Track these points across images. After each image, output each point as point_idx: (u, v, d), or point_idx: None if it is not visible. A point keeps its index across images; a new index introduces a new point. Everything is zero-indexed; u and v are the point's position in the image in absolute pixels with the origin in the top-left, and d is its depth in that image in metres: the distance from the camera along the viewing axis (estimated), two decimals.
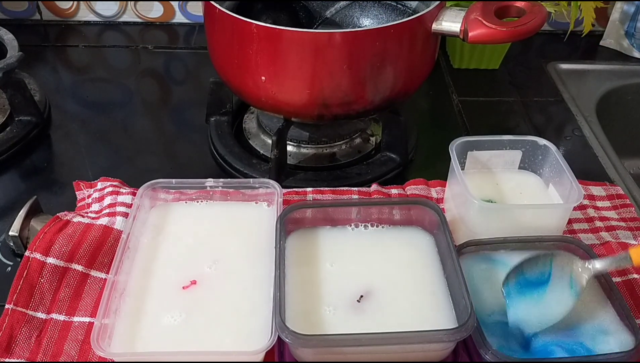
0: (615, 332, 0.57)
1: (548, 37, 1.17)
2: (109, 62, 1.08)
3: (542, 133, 0.91)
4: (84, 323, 0.61)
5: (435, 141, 0.85)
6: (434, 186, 0.78)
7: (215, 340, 0.57)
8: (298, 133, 0.83)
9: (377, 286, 0.62)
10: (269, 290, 0.59)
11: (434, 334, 0.54)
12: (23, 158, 0.84)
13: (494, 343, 0.55)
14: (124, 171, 0.80)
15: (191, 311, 0.59)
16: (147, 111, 0.96)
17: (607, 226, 0.73)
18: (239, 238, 0.67)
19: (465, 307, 0.55)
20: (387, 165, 0.81)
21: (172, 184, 0.70)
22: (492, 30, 0.68)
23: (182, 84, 1.05)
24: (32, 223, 0.68)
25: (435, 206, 0.65)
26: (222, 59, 0.76)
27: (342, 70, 0.70)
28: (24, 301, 0.61)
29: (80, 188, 0.76)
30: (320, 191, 0.76)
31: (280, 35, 0.68)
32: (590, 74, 1.07)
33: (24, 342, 0.59)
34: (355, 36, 0.69)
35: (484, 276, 0.62)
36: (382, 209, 0.67)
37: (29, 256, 0.64)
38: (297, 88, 0.71)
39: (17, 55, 0.83)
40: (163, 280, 0.62)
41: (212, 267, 0.64)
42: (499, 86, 1.03)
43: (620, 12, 1.11)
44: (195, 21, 1.17)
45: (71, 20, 1.16)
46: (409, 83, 0.76)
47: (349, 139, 0.85)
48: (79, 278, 0.64)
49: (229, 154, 0.82)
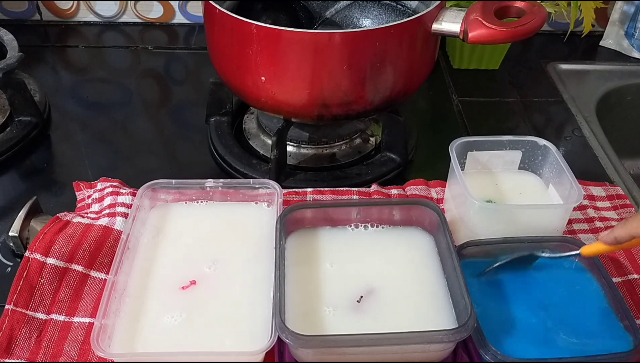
0: (615, 333, 0.57)
1: (548, 37, 1.17)
2: (108, 63, 1.08)
3: (542, 133, 0.91)
4: (83, 323, 0.61)
5: (435, 142, 0.85)
6: (434, 187, 0.78)
7: (215, 341, 0.57)
8: (298, 133, 0.83)
9: (377, 286, 0.62)
10: (269, 290, 0.59)
11: (434, 334, 0.54)
12: (23, 158, 0.84)
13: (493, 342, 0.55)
14: (124, 172, 0.80)
15: (191, 312, 0.59)
16: (147, 111, 0.96)
17: (607, 227, 0.73)
18: (239, 238, 0.67)
19: (465, 307, 0.55)
20: (387, 165, 0.81)
21: (172, 184, 0.70)
22: (492, 30, 0.68)
23: (182, 85, 1.05)
24: (32, 224, 0.68)
25: (435, 207, 0.65)
26: (222, 60, 0.76)
27: (342, 70, 0.70)
28: (23, 301, 0.61)
29: (80, 188, 0.76)
30: (320, 192, 0.76)
31: (280, 36, 0.68)
32: (590, 74, 1.07)
33: (23, 343, 0.59)
34: (355, 37, 0.69)
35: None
36: (382, 209, 0.67)
37: (29, 256, 0.64)
38: (297, 88, 0.71)
39: (17, 55, 0.83)
40: (163, 281, 0.62)
41: (212, 267, 0.64)
42: (499, 86, 1.03)
43: (620, 12, 1.11)
44: (195, 22, 1.17)
45: (71, 20, 1.16)
46: (408, 83, 0.76)
47: (349, 140, 0.85)
48: (79, 278, 0.64)
49: (229, 154, 0.82)
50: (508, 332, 0.57)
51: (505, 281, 0.62)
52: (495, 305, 0.60)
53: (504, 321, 0.58)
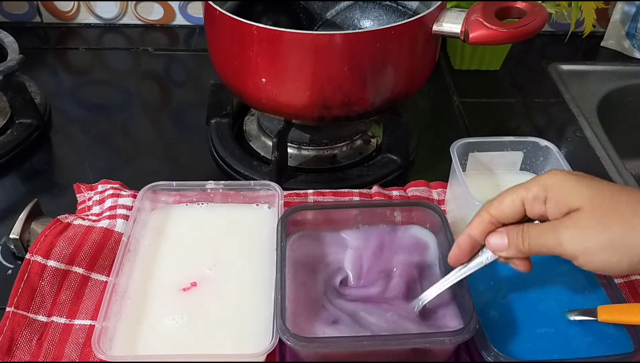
0: (615, 333, 0.57)
1: (549, 38, 1.17)
2: (109, 65, 1.08)
3: (543, 134, 0.91)
4: (84, 326, 0.61)
5: (436, 143, 0.85)
6: (435, 188, 0.78)
7: (216, 343, 0.57)
8: (299, 135, 0.83)
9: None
10: (270, 291, 0.59)
11: (436, 336, 0.54)
12: (23, 160, 0.84)
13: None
14: (125, 174, 0.80)
15: (192, 314, 0.59)
16: (148, 113, 0.96)
17: None
18: (240, 240, 0.67)
19: (467, 309, 0.55)
20: (388, 167, 0.81)
21: (173, 186, 0.70)
22: (492, 31, 0.68)
23: (182, 86, 1.05)
24: (33, 226, 0.68)
25: (437, 208, 0.65)
26: (223, 61, 0.76)
27: (343, 72, 0.69)
28: (24, 304, 0.61)
29: (81, 190, 0.76)
30: (321, 193, 0.76)
31: (281, 37, 0.68)
32: (592, 75, 1.07)
33: (24, 345, 0.59)
34: (355, 38, 0.69)
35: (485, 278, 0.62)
36: (384, 211, 0.67)
37: (30, 259, 0.64)
38: (297, 90, 0.71)
39: (17, 58, 0.83)
40: (164, 283, 0.62)
41: (213, 269, 0.64)
42: (500, 87, 1.03)
43: (621, 13, 1.11)
44: (196, 23, 1.17)
45: (71, 23, 1.16)
46: (409, 84, 0.76)
47: (350, 141, 0.85)
48: (80, 280, 0.64)
49: (230, 156, 0.82)
50: (509, 332, 0.57)
51: (506, 281, 0.62)
52: (496, 305, 0.60)
53: (505, 321, 0.58)
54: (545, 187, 0.48)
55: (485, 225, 0.51)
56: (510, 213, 0.50)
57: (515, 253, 0.50)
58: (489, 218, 0.51)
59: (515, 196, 0.49)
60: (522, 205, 0.49)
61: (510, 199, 0.50)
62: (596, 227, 0.45)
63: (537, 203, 0.48)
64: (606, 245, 0.45)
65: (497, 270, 0.63)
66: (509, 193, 0.50)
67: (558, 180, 0.48)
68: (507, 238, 0.50)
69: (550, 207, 0.48)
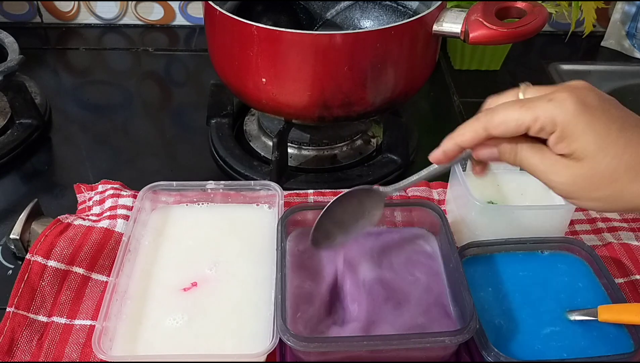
0: (616, 333, 0.57)
1: (549, 38, 1.17)
2: (109, 65, 1.08)
3: None
4: (85, 326, 0.61)
5: (437, 143, 0.84)
6: (436, 188, 0.78)
7: (217, 342, 0.57)
8: (299, 135, 0.83)
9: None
10: (270, 292, 0.59)
11: (436, 336, 0.54)
12: (24, 160, 0.84)
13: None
14: (125, 174, 0.80)
15: (192, 314, 0.59)
16: (148, 113, 0.96)
17: (609, 227, 0.73)
18: (240, 240, 0.67)
19: (467, 309, 0.55)
20: (388, 167, 0.81)
21: (173, 186, 0.70)
22: (493, 31, 0.68)
23: (182, 87, 1.05)
24: (33, 226, 0.68)
25: (437, 208, 0.65)
26: (223, 61, 0.76)
27: (343, 72, 0.69)
28: (25, 304, 0.61)
29: (81, 190, 0.76)
30: (322, 193, 0.76)
31: (281, 37, 0.68)
32: (592, 74, 1.07)
33: (25, 345, 0.59)
34: (356, 38, 0.69)
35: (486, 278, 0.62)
36: (384, 211, 0.67)
37: (30, 259, 0.64)
38: (297, 90, 0.71)
39: (17, 58, 0.83)
40: (164, 283, 0.62)
41: (213, 269, 0.64)
42: (500, 87, 1.01)
43: (621, 12, 1.11)
44: (196, 23, 1.17)
45: (72, 23, 1.16)
46: (409, 84, 0.76)
47: (350, 141, 0.85)
48: (80, 281, 0.64)
49: (230, 156, 0.82)
50: (509, 332, 0.57)
51: (507, 281, 0.62)
52: (496, 305, 0.60)
53: (505, 321, 0.58)
54: (554, 122, 0.46)
55: (480, 140, 0.50)
56: (510, 135, 0.49)
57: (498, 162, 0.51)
58: (486, 136, 0.50)
59: (521, 123, 0.47)
60: (526, 131, 0.47)
61: (514, 125, 0.48)
62: (590, 188, 0.46)
63: (542, 133, 0.47)
64: (596, 203, 0.47)
65: (498, 270, 0.63)
66: (512, 116, 0.48)
67: (569, 117, 0.46)
68: (499, 154, 0.50)
69: (553, 140, 0.47)
